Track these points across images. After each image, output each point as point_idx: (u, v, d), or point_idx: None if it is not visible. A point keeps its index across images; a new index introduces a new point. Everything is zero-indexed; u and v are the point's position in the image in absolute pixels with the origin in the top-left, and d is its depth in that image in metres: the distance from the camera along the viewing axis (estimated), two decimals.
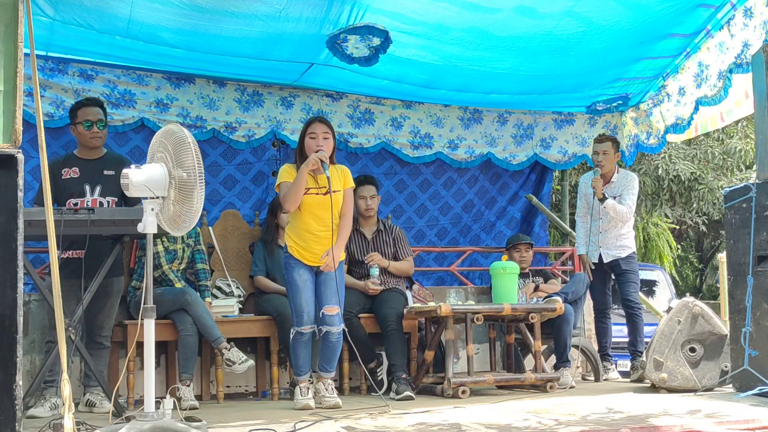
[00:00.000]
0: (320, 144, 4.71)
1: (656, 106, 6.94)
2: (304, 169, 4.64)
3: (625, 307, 6.20)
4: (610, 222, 6.17)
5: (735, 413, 3.98)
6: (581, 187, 6.43)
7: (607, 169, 6.21)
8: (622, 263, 6.20)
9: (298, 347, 4.75)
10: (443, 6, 5.20)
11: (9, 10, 3.08)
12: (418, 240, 6.98)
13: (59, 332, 3.19)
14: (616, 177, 6.23)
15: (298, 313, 4.71)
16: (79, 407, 4.74)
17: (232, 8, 5.00)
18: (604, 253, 6.22)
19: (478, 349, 6.13)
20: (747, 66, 5.66)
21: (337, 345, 4.81)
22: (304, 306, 4.70)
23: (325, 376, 4.81)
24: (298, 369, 4.78)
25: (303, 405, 4.64)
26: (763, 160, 4.70)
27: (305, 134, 4.79)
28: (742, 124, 13.01)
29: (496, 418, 4.04)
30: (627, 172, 6.40)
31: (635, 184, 6.26)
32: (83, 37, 5.25)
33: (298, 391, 4.74)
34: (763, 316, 4.56)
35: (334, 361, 4.87)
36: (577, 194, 6.61)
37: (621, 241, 6.22)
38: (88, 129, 4.87)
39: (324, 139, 4.74)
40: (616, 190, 6.19)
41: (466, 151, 7.01)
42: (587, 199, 6.31)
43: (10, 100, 3.07)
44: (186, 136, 3.49)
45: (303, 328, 4.69)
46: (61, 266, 3.82)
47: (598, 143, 6.27)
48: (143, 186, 3.47)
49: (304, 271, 4.74)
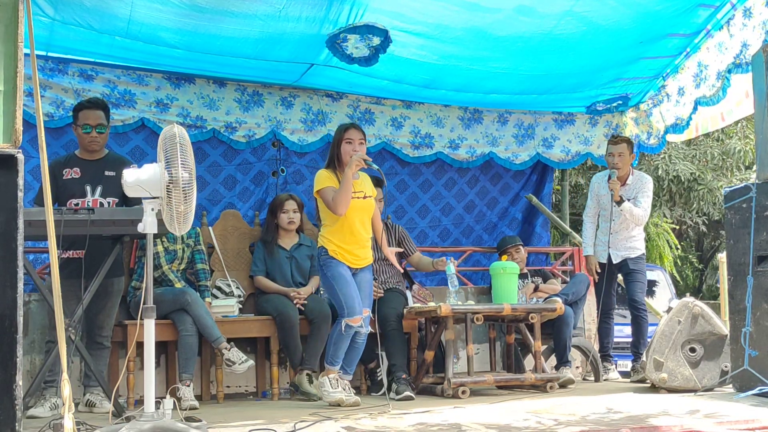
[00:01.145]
0: (356, 149, 4.82)
1: (656, 106, 6.95)
2: (348, 171, 4.70)
3: (632, 308, 6.17)
4: (623, 224, 6.13)
5: (735, 413, 3.98)
6: (594, 187, 6.37)
7: (623, 171, 6.16)
8: (631, 263, 6.18)
9: (342, 339, 4.73)
10: (443, 5, 5.20)
11: (9, 10, 3.08)
12: (420, 241, 6.96)
13: (59, 332, 3.19)
14: (631, 179, 6.19)
15: (350, 302, 4.71)
16: (79, 407, 4.74)
17: (232, 8, 5.00)
18: (613, 254, 6.19)
19: (478, 349, 6.13)
20: (746, 66, 5.66)
21: (362, 347, 4.90)
22: (355, 296, 4.73)
23: (345, 378, 4.84)
24: (334, 359, 4.76)
25: (337, 399, 4.64)
26: (763, 160, 4.70)
27: (341, 140, 4.87)
28: (742, 124, 13.02)
29: (496, 418, 4.04)
30: (641, 174, 6.37)
31: (650, 186, 6.23)
32: (83, 37, 5.25)
33: (328, 383, 4.71)
34: (763, 316, 4.56)
35: (355, 364, 4.96)
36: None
37: (631, 243, 6.20)
38: (86, 134, 4.88)
39: (360, 144, 4.85)
40: (631, 192, 6.16)
41: (467, 151, 7.01)
42: (599, 200, 6.26)
43: (10, 100, 3.07)
44: (175, 134, 3.48)
45: (354, 319, 4.69)
46: (62, 266, 3.83)
47: (613, 145, 6.21)
48: (137, 186, 3.48)
49: (346, 269, 4.80)
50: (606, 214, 6.20)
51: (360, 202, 4.83)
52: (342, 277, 4.77)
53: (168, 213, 3.48)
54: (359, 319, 4.73)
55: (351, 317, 4.70)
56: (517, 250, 6.39)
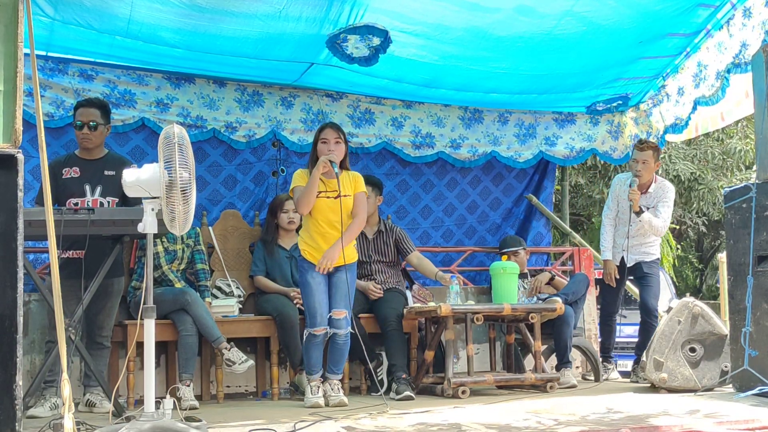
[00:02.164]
0: (332, 149, 4.82)
1: (656, 106, 6.94)
2: (315, 172, 4.74)
3: (644, 313, 6.02)
4: (640, 230, 6.02)
5: (735, 413, 3.99)
6: (614, 189, 6.20)
7: (646, 179, 6.01)
8: (645, 266, 6.08)
9: (310, 348, 4.83)
10: (443, 6, 5.19)
11: (9, 10, 3.08)
12: (423, 241, 6.94)
13: (59, 332, 3.19)
14: (653, 187, 6.04)
15: (311, 314, 4.79)
16: (79, 407, 4.74)
17: (232, 8, 5.00)
18: (628, 258, 6.07)
19: (478, 349, 6.13)
20: (745, 66, 5.66)
21: (344, 347, 4.89)
22: (317, 308, 4.77)
23: (332, 378, 4.89)
24: (309, 368, 4.85)
25: (313, 403, 4.71)
26: (763, 160, 4.70)
27: (317, 140, 4.89)
28: (742, 124, 13.03)
29: (496, 418, 4.04)
30: (664, 181, 6.20)
31: (671, 196, 6.06)
32: (83, 37, 5.25)
33: (309, 390, 4.82)
34: (763, 316, 4.56)
35: (341, 364, 4.96)
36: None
37: (646, 248, 6.12)
38: (79, 130, 4.88)
39: (336, 144, 4.83)
40: (652, 201, 6.03)
41: (469, 150, 6.99)
42: (619, 202, 6.12)
43: (10, 100, 3.07)
44: (172, 134, 3.47)
45: (316, 329, 4.78)
46: (62, 267, 3.83)
47: (639, 151, 6.02)
48: (137, 186, 3.48)
49: (317, 274, 4.80)
50: (624, 218, 6.07)
51: (329, 201, 4.80)
52: (308, 286, 4.81)
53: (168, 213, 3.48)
54: (323, 330, 4.78)
55: (311, 328, 4.79)
56: (516, 254, 6.37)
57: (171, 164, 3.43)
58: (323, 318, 4.78)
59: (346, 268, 4.85)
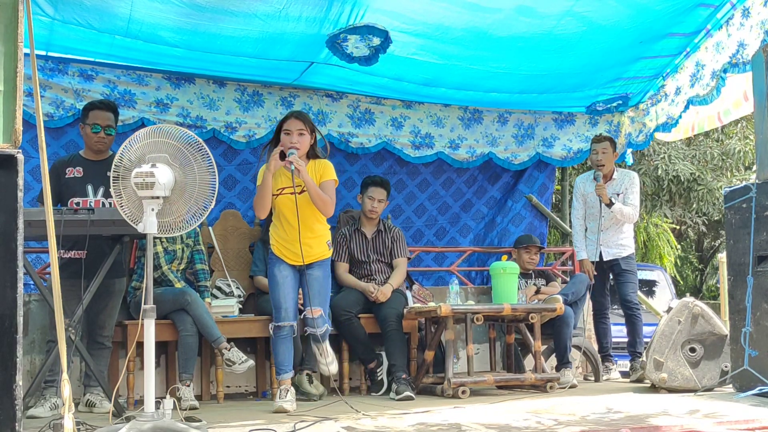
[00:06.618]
0: (294, 141, 4.56)
1: (654, 105, 6.94)
2: (267, 174, 4.56)
3: (624, 308, 6.21)
4: (612, 220, 6.18)
5: (735, 413, 3.98)
6: (578, 188, 6.40)
7: (608, 169, 6.25)
8: (622, 263, 6.21)
9: (277, 343, 4.65)
10: (443, 6, 5.20)
11: (9, 10, 3.08)
12: (416, 240, 6.97)
13: (59, 332, 3.19)
14: (616, 174, 6.28)
15: (276, 308, 4.67)
16: (79, 407, 4.74)
17: (232, 8, 5.00)
18: (605, 251, 6.22)
19: (478, 349, 6.13)
20: (743, 66, 5.66)
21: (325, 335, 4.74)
22: (282, 302, 4.64)
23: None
24: (278, 367, 4.67)
25: (277, 408, 4.49)
26: (763, 160, 4.70)
27: (280, 129, 4.64)
28: (742, 124, 13.03)
29: (496, 418, 4.04)
30: (626, 170, 6.46)
31: (636, 182, 6.31)
32: (83, 36, 5.25)
33: (277, 393, 4.62)
34: (763, 316, 4.56)
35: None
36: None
37: (621, 240, 6.25)
38: (95, 133, 4.89)
39: (299, 135, 4.59)
40: (618, 188, 6.22)
41: (467, 151, 7.01)
42: (586, 199, 6.30)
43: (10, 100, 3.06)
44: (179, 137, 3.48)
45: (281, 323, 4.63)
46: (63, 267, 3.83)
47: (596, 143, 6.30)
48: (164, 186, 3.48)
49: (284, 267, 4.68)
50: (594, 213, 6.22)
51: (292, 198, 4.57)
52: (272, 279, 4.70)
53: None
54: (288, 324, 4.63)
55: (276, 321, 4.65)
56: (536, 252, 6.44)
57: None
58: (288, 312, 4.63)
59: (317, 265, 4.71)
